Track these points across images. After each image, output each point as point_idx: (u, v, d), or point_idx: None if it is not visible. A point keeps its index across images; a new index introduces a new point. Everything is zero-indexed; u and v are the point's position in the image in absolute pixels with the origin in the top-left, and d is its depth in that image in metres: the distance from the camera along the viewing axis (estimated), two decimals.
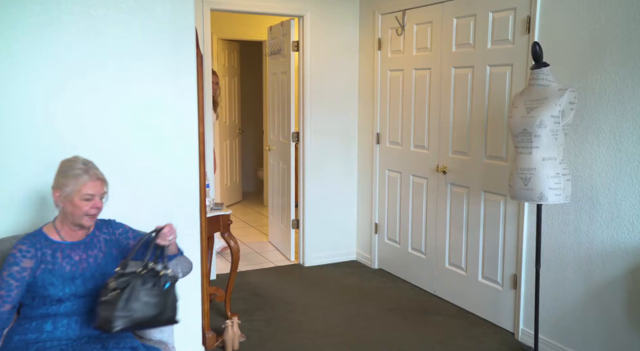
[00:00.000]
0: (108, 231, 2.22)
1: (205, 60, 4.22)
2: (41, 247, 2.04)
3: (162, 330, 2.23)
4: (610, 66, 2.82)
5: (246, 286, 4.34)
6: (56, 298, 2.03)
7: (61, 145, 2.45)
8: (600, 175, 2.91)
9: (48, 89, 2.43)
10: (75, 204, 2.02)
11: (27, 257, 2.00)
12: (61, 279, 2.03)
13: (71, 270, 2.06)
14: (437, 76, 4.01)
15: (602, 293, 2.94)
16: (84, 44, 2.47)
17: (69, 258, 2.08)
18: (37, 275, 2.02)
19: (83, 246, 2.12)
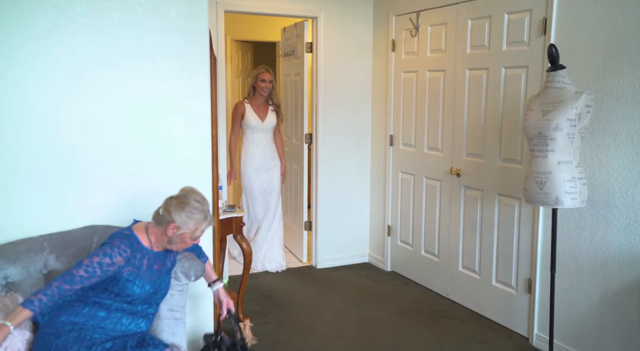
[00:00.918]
0: None
1: (219, 61, 4.23)
2: (135, 250, 2.14)
3: (174, 333, 2.23)
4: (628, 68, 2.77)
5: (258, 289, 4.34)
6: (128, 300, 2.12)
7: (72, 146, 2.47)
8: (617, 179, 2.87)
9: (62, 90, 2.44)
10: (185, 241, 2.16)
11: (122, 255, 2.09)
12: (141, 284, 2.13)
13: (149, 277, 2.16)
14: (452, 78, 3.98)
15: (618, 298, 2.89)
16: (99, 46, 2.48)
17: (151, 266, 2.18)
18: (124, 274, 2.10)
19: (162, 256, 2.24)
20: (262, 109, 4.66)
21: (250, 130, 4.64)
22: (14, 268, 2.13)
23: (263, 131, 4.66)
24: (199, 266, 2.30)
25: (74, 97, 2.47)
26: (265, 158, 4.70)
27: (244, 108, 4.62)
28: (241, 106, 4.64)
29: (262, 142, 4.69)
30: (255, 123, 4.61)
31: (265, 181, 4.72)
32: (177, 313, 2.25)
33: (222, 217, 3.34)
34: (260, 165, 4.67)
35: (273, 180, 4.76)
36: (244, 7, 4.45)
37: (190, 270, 2.27)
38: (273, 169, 4.75)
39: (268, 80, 4.59)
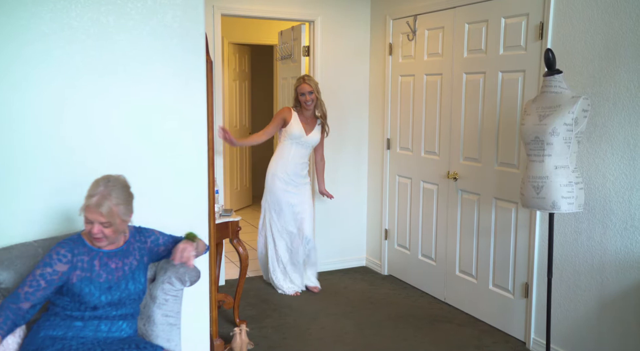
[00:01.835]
0: (140, 239, 2.27)
1: (216, 65, 4.23)
2: (79, 253, 2.08)
3: (169, 339, 2.22)
4: (625, 73, 2.78)
5: (255, 293, 4.33)
6: (92, 306, 2.06)
7: (70, 150, 2.46)
8: (614, 184, 2.86)
9: (58, 95, 2.43)
10: (84, 223, 2.08)
11: (63, 261, 2.04)
12: (98, 287, 2.07)
13: (107, 278, 2.10)
14: (449, 82, 3.98)
15: (615, 303, 2.89)
16: (94, 51, 2.47)
17: (106, 266, 2.12)
18: (75, 281, 2.05)
19: (121, 254, 2.17)
20: (310, 122, 4.24)
21: (290, 139, 4.21)
22: (7, 273, 2.12)
23: (303, 145, 4.23)
24: (194, 272, 2.29)
25: (70, 102, 2.45)
26: (297, 173, 4.25)
27: (290, 116, 4.20)
28: (287, 112, 4.23)
29: (299, 156, 4.25)
30: (298, 134, 4.18)
31: (294, 196, 4.26)
32: (171, 318, 2.24)
33: (218, 221, 3.33)
34: (290, 180, 4.24)
35: (305, 198, 4.31)
36: (240, 11, 4.44)
37: (185, 275, 2.25)
38: (304, 187, 4.31)
39: (308, 92, 4.13)
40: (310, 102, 4.13)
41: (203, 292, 2.79)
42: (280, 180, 4.22)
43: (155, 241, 2.31)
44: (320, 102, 4.22)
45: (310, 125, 4.23)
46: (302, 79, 4.16)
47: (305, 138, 4.20)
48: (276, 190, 4.23)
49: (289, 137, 4.19)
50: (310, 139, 4.23)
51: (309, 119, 4.23)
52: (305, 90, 4.12)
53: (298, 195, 4.26)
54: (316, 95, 4.15)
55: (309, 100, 4.12)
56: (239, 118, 7.08)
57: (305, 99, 4.12)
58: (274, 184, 4.24)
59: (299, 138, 4.17)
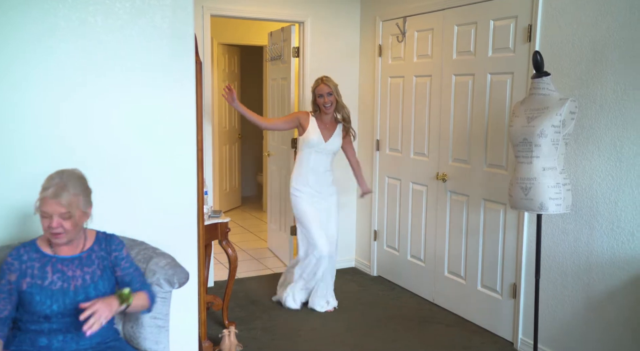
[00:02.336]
0: (106, 248, 2.14)
1: (205, 66, 4.21)
2: (28, 260, 1.97)
3: (157, 341, 2.20)
4: (611, 76, 2.80)
5: (244, 294, 4.31)
6: (43, 315, 1.95)
7: (58, 152, 2.43)
8: (600, 185, 2.89)
9: (47, 96, 2.41)
10: (41, 221, 1.96)
11: (12, 270, 1.94)
12: (50, 295, 1.94)
13: (62, 286, 1.97)
14: (438, 83, 3.99)
15: (602, 303, 2.91)
16: (83, 51, 2.45)
17: (61, 273, 1.99)
18: (24, 289, 1.94)
19: (78, 261, 2.05)
20: (329, 127, 3.91)
21: (308, 148, 3.88)
22: None
23: (323, 153, 3.89)
24: (182, 274, 2.27)
25: (56, 103, 2.43)
26: (320, 184, 3.93)
27: (307, 121, 3.89)
28: (304, 116, 3.92)
29: (319, 165, 3.91)
30: (316, 141, 3.85)
31: (318, 208, 3.95)
32: (160, 320, 2.22)
33: (207, 223, 3.31)
34: (314, 191, 3.92)
35: (331, 210, 4.01)
36: (230, 12, 4.43)
37: (174, 277, 2.24)
38: (330, 198, 4.00)
39: (326, 93, 3.82)
40: (329, 105, 3.84)
41: (192, 294, 2.78)
42: (304, 194, 3.91)
43: (117, 259, 2.14)
44: (340, 105, 3.91)
45: (329, 131, 3.91)
46: (320, 80, 3.88)
47: (325, 146, 3.88)
48: (301, 203, 3.92)
49: (307, 145, 3.88)
50: (331, 146, 3.91)
51: (328, 124, 3.92)
52: (324, 91, 3.83)
53: (322, 206, 3.96)
54: (336, 97, 3.86)
55: (328, 102, 3.83)
56: (228, 120, 7.06)
57: (324, 101, 3.83)
58: (298, 198, 3.93)
59: (317, 145, 3.86)
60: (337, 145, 3.96)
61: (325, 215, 3.97)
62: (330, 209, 4.01)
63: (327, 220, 3.98)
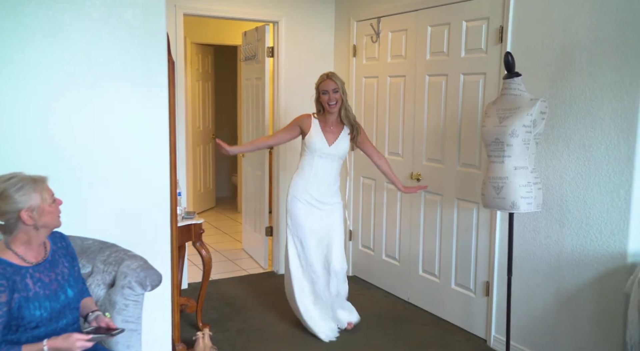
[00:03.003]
0: (63, 245, 2.13)
1: (178, 65, 4.16)
2: (11, 274, 1.91)
3: (129, 345, 2.17)
4: (580, 77, 2.86)
5: (218, 296, 4.28)
6: (32, 326, 1.91)
7: (25, 154, 2.37)
8: (570, 184, 2.95)
9: (14, 96, 2.35)
10: (48, 211, 1.95)
11: (3, 291, 1.85)
12: (37, 306, 1.92)
13: (44, 293, 1.95)
14: (412, 84, 4.02)
15: (571, 299, 2.97)
16: (51, 50, 2.40)
17: (40, 281, 1.96)
18: (13, 305, 1.88)
19: (49, 265, 2.02)
20: (333, 130, 3.54)
21: (310, 153, 3.52)
22: None
23: (328, 158, 3.51)
24: (155, 276, 2.24)
25: (25, 104, 2.37)
26: (323, 193, 3.54)
27: (309, 124, 3.53)
28: (306, 119, 3.56)
29: (324, 172, 3.53)
30: (319, 146, 3.48)
31: (318, 221, 3.54)
32: (132, 324, 2.19)
33: (180, 224, 3.28)
34: (315, 201, 3.53)
35: (333, 222, 3.57)
36: (203, 11, 4.39)
37: (146, 279, 2.21)
38: (333, 207, 3.59)
39: (332, 90, 3.44)
40: (334, 103, 3.44)
41: (165, 296, 2.74)
42: (302, 203, 3.54)
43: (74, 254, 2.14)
44: (345, 106, 3.52)
45: (334, 133, 3.53)
46: (326, 75, 3.49)
47: (329, 150, 3.49)
48: (298, 213, 3.54)
49: (309, 150, 3.51)
50: (336, 150, 3.51)
51: (333, 126, 3.53)
52: (329, 87, 3.43)
53: (323, 218, 3.56)
54: (342, 95, 3.47)
55: (333, 99, 3.43)
56: (202, 120, 7.00)
57: (329, 98, 3.43)
58: (295, 206, 3.54)
59: (320, 149, 3.48)
60: (344, 150, 3.54)
61: (326, 232, 3.55)
62: (332, 226, 3.57)
63: (327, 238, 3.55)
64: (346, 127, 3.55)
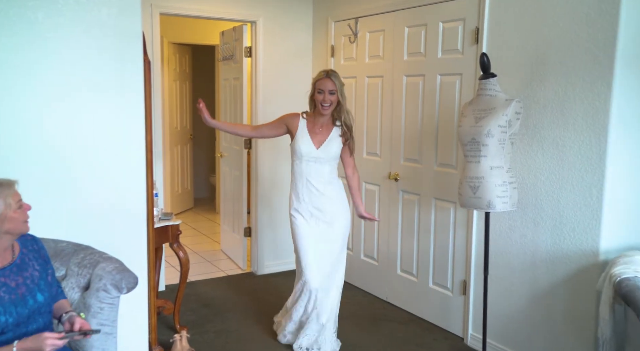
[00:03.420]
0: (34, 248, 2.07)
1: (155, 65, 4.12)
2: None
3: (104, 349, 2.13)
4: (553, 78, 2.91)
5: (196, 297, 4.24)
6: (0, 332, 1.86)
7: (3, 156, 2.33)
8: (544, 183, 2.99)
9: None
10: (12, 218, 1.88)
11: None
12: (2, 311, 1.86)
13: (10, 298, 1.89)
14: (389, 84, 4.04)
15: (545, 297, 3.02)
16: (23, 49, 2.35)
17: (5, 286, 1.90)
18: None
19: (16, 269, 1.96)
20: (323, 131, 3.25)
21: (298, 158, 3.25)
22: None
23: (318, 162, 3.22)
24: (131, 278, 2.21)
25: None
26: (319, 200, 3.24)
27: (296, 124, 3.26)
28: (294, 119, 3.29)
29: (314, 177, 3.23)
30: (305, 149, 3.20)
31: (319, 232, 3.26)
32: (107, 327, 2.15)
33: (157, 226, 3.24)
34: (314, 208, 3.25)
35: (335, 233, 3.27)
36: (180, 10, 4.35)
37: (122, 282, 2.18)
38: (335, 217, 3.27)
39: (328, 91, 3.15)
40: (328, 105, 3.16)
41: (141, 299, 2.71)
42: (299, 213, 3.27)
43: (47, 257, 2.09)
44: (342, 109, 3.21)
45: (323, 135, 3.24)
46: (326, 73, 3.19)
47: (317, 153, 3.21)
48: (296, 224, 3.29)
49: (296, 155, 3.25)
50: (324, 153, 3.22)
51: (323, 127, 3.25)
52: (326, 87, 3.14)
53: (324, 229, 3.25)
54: (339, 97, 3.17)
55: (327, 101, 3.15)
56: (179, 120, 6.94)
57: (324, 99, 3.15)
58: (294, 218, 3.31)
59: (308, 154, 3.20)
60: (334, 152, 3.25)
61: (327, 245, 3.25)
62: (334, 239, 3.26)
63: (329, 253, 3.25)
64: (336, 128, 3.25)
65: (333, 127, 3.27)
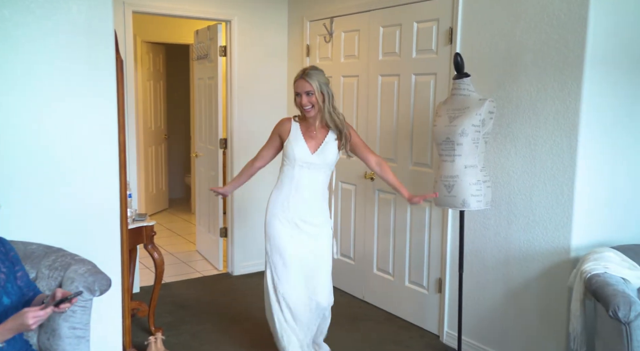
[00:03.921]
0: (1, 250, 2.02)
1: (127, 64, 4.06)
2: None
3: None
4: (525, 78, 2.95)
5: (171, 299, 4.20)
6: None
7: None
8: (517, 182, 3.04)
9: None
10: None
11: None
12: None
13: None
14: (365, 84, 4.06)
15: (519, 294, 3.06)
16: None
17: None
18: None
19: None
20: (318, 135, 2.96)
21: (290, 163, 2.95)
22: None
23: (311, 168, 2.93)
24: (104, 280, 2.17)
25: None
26: (307, 211, 2.96)
27: (288, 128, 2.99)
28: (285, 124, 3.02)
29: (307, 185, 2.95)
30: (299, 154, 2.91)
31: (302, 246, 2.96)
32: (79, 331, 2.11)
33: (131, 227, 3.20)
34: (299, 220, 2.95)
35: (320, 248, 3.00)
36: (153, 8, 4.30)
37: (95, 284, 2.14)
38: (319, 230, 3.00)
39: (304, 93, 2.87)
40: (309, 107, 2.87)
41: (115, 301, 2.67)
42: (283, 224, 2.96)
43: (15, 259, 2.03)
44: (327, 107, 2.91)
45: (317, 139, 2.96)
46: (301, 73, 2.91)
47: (312, 159, 2.92)
48: (277, 235, 2.96)
49: (289, 160, 2.95)
50: (320, 158, 2.93)
51: (317, 129, 2.96)
52: (301, 89, 2.87)
53: (307, 243, 2.97)
54: (320, 96, 2.88)
55: (307, 103, 2.87)
56: (153, 120, 6.86)
57: (302, 102, 2.88)
58: (273, 228, 2.97)
59: (302, 159, 2.91)
60: (330, 158, 2.97)
61: (311, 262, 2.97)
62: (319, 253, 3.00)
63: (313, 269, 2.98)
64: (332, 130, 2.97)
65: (328, 131, 2.98)
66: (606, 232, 2.89)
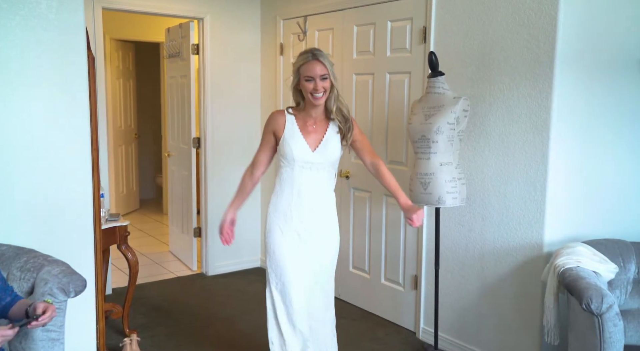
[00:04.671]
0: None
1: (97, 62, 3.98)
2: None
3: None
4: (498, 76, 3.00)
5: (145, 300, 4.13)
6: None
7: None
8: (491, 179, 3.09)
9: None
10: None
11: None
12: None
13: None
14: (339, 82, 4.05)
15: (493, 289, 3.11)
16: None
17: None
18: None
19: None
20: (317, 128, 2.58)
21: (288, 163, 2.58)
22: None
23: (313, 168, 2.57)
24: (79, 281, 2.12)
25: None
26: (311, 218, 2.60)
27: (282, 123, 2.58)
28: (278, 119, 2.60)
29: (311, 188, 2.58)
30: (298, 152, 2.54)
31: (308, 256, 2.61)
32: (53, 333, 2.06)
33: (104, 227, 3.14)
34: (303, 231, 2.59)
35: (324, 258, 2.67)
36: (124, 5, 4.22)
37: (69, 285, 2.09)
38: (326, 238, 2.67)
39: (320, 76, 2.45)
40: (321, 94, 2.48)
41: (88, 303, 2.62)
42: (285, 235, 2.60)
43: None
44: (335, 95, 2.53)
45: (317, 133, 2.57)
46: (311, 54, 2.48)
47: (313, 157, 2.55)
48: (276, 250, 2.60)
49: (286, 160, 2.57)
50: (323, 156, 2.56)
51: (316, 122, 2.58)
52: (316, 72, 2.44)
53: (313, 254, 2.62)
54: (332, 81, 2.49)
55: (320, 89, 2.47)
56: (123, 119, 6.74)
57: (315, 87, 2.46)
58: (275, 239, 2.61)
59: (302, 158, 2.54)
60: (335, 155, 2.60)
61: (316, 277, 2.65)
62: (326, 268, 2.68)
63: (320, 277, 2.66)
64: (332, 122, 2.59)
65: (329, 123, 2.59)
66: (578, 227, 2.95)
